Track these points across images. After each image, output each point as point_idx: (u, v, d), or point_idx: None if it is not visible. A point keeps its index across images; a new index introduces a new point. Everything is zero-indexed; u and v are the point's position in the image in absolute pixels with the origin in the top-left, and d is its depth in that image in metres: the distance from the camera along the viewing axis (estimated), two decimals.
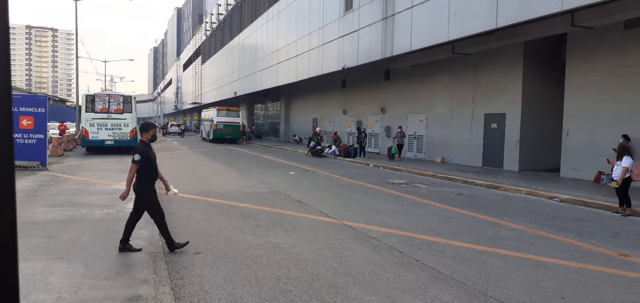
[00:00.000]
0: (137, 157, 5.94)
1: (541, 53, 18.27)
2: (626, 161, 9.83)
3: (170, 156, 23.89)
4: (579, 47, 15.94)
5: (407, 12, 19.35)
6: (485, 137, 19.85)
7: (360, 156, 24.43)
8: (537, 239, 7.54)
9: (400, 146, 22.68)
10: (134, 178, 6.02)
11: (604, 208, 10.56)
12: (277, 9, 36.09)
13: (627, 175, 9.82)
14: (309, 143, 27.08)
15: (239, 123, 39.73)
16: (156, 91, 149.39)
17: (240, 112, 41.59)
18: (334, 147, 25.53)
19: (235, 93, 48.66)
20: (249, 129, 49.54)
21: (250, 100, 55.20)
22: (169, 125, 65.66)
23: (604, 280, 5.49)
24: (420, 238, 7.27)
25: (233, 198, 10.77)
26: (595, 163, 14.99)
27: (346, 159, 23.91)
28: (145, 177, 6.03)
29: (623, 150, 10.18)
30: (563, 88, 16.58)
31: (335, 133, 27.75)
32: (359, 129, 26.84)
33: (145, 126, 6.25)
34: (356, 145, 25.49)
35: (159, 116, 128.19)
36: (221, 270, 5.47)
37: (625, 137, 13.81)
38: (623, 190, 9.90)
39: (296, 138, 39.93)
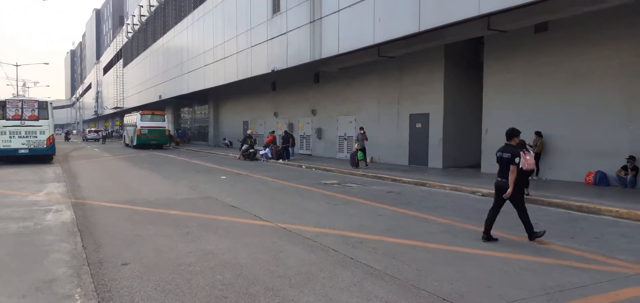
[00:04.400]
0: (518, 160, 7.09)
1: (461, 55, 19.24)
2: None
3: (91, 163, 22.62)
4: (495, 50, 16.96)
5: (334, 15, 19.67)
6: (411, 136, 20.59)
7: (285, 159, 24.24)
8: (463, 232, 7.94)
9: (363, 151, 19.81)
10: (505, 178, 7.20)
11: None
12: (203, 10, 35.33)
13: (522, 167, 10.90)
14: (242, 146, 26.72)
15: (164, 127, 38.51)
16: (74, 96, 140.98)
17: (165, 116, 40.28)
18: (267, 150, 25.34)
19: (160, 96, 47.04)
20: (178, 131, 48.09)
21: (177, 103, 53.59)
22: (86, 131, 62.30)
23: (526, 267, 5.87)
24: (354, 236, 7.41)
25: (162, 205, 10.39)
26: None
27: (279, 161, 23.85)
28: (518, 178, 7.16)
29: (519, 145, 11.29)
30: (482, 88, 17.57)
31: (273, 133, 27.29)
32: (286, 132, 26.88)
33: (516, 132, 7.46)
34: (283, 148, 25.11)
35: (78, 123, 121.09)
36: (151, 280, 5.26)
37: (538, 134, 14.92)
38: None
39: (226, 141, 39.30)
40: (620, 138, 13.17)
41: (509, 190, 7.11)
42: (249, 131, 28.75)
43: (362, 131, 20.37)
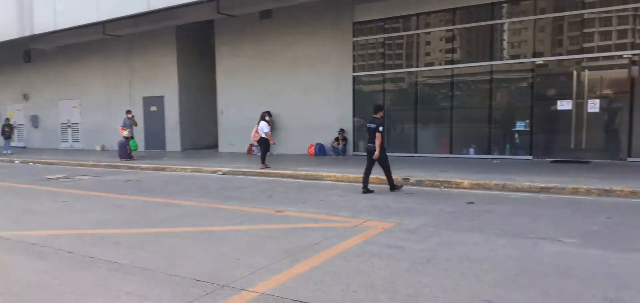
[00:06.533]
0: (382, 128, 8.99)
1: (193, 38, 19.32)
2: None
3: None
4: (225, 34, 17.60)
5: None
6: (147, 120, 19.78)
7: None
8: (209, 211, 8.11)
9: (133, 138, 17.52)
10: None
11: (259, 175, 12.20)
12: None
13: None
14: None
15: None
16: None
17: None
18: None
19: None
20: None
21: None
22: None
23: (268, 235, 6.40)
24: (92, 233, 6.76)
25: None
26: (246, 137, 16.95)
27: None
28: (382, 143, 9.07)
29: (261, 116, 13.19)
30: (215, 71, 18.05)
31: None
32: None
33: (380, 107, 9.41)
34: None
35: None
36: None
37: (268, 113, 16.19)
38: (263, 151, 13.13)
39: None
40: (332, 114, 15.46)
41: (377, 152, 8.93)
42: None
43: (130, 116, 17.53)
